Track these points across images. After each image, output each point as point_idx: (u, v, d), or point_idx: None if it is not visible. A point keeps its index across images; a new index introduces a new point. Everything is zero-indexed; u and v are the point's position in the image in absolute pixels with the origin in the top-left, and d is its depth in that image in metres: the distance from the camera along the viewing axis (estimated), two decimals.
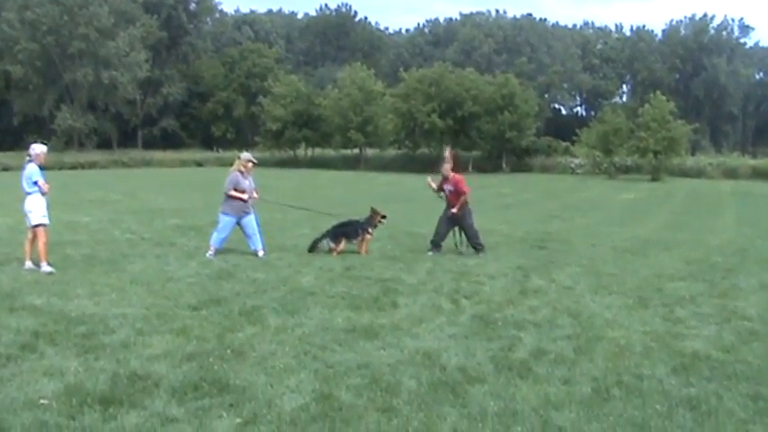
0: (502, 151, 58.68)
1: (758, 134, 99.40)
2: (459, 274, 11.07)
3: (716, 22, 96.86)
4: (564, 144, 60.77)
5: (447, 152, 14.65)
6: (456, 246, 13.43)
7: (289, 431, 5.01)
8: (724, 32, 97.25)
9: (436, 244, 13.36)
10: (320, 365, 6.32)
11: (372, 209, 13.52)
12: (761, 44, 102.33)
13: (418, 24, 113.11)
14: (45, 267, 10.54)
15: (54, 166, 44.14)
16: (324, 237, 13.07)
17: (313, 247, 13.05)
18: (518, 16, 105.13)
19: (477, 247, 13.30)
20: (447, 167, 13.51)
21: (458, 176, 13.47)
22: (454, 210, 13.22)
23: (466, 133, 57.63)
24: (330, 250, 12.87)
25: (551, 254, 13.73)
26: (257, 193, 12.87)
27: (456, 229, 13.52)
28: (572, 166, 56.35)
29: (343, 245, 12.92)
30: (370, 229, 13.20)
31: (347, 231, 13.08)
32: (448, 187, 13.43)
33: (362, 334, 7.35)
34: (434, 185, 13.69)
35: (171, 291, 9.34)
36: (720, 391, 5.90)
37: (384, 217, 13.48)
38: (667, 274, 11.54)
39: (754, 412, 5.50)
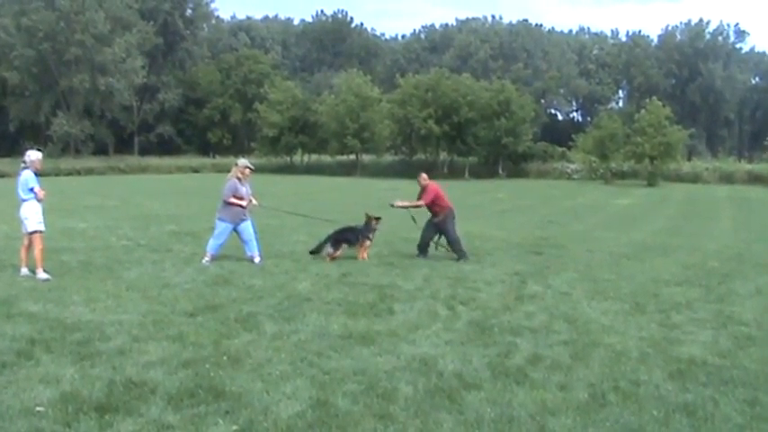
0: (498, 157, 58.85)
1: (754, 139, 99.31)
2: (455, 280, 11.08)
3: (711, 28, 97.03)
4: (560, 149, 61.05)
5: None
6: (434, 243, 13.77)
7: None
8: (720, 38, 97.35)
9: (422, 249, 13.69)
10: (316, 372, 6.31)
11: (367, 215, 13.56)
12: (756, 49, 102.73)
13: (414, 30, 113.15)
14: (41, 274, 10.50)
15: (50, 173, 44.10)
16: (326, 241, 13.10)
17: (317, 250, 13.10)
18: (514, 22, 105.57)
19: (457, 253, 13.39)
20: (424, 176, 14.10)
21: (429, 185, 13.76)
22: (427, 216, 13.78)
23: (462, 139, 57.75)
24: (327, 255, 12.88)
25: (548, 259, 13.74)
26: (255, 199, 12.87)
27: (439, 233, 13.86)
28: (568, 171, 56.53)
29: (341, 251, 12.95)
30: (370, 235, 13.32)
31: (348, 237, 13.15)
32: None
33: (359, 340, 7.35)
34: (406, 203, 14.17)
35: (167, 297, 9.32)
36: (717, 397, 5.90)
37: (378, 219, 13.56)
38: (664, 280, 11.56)
39: (750, 417, 5.51)
